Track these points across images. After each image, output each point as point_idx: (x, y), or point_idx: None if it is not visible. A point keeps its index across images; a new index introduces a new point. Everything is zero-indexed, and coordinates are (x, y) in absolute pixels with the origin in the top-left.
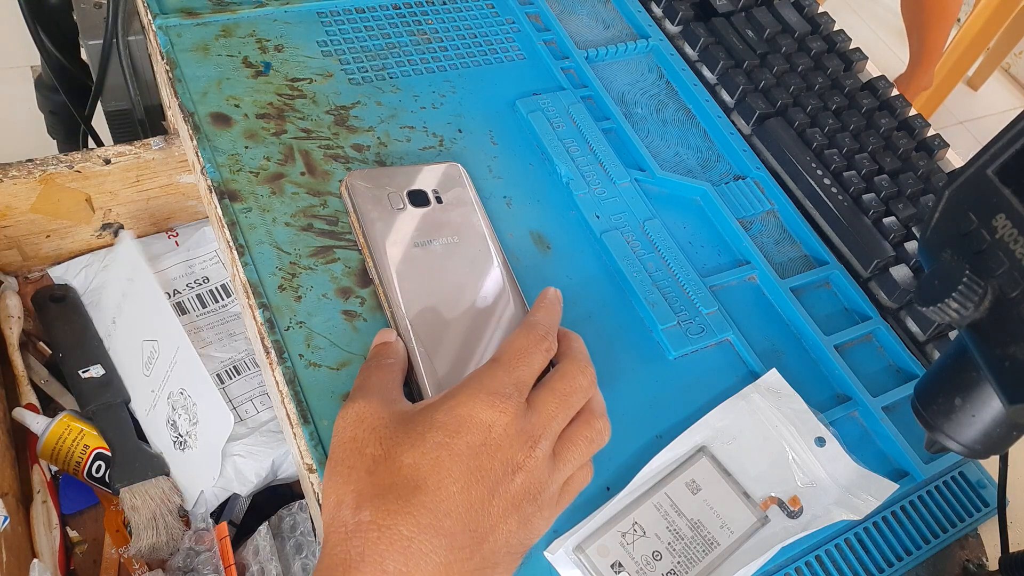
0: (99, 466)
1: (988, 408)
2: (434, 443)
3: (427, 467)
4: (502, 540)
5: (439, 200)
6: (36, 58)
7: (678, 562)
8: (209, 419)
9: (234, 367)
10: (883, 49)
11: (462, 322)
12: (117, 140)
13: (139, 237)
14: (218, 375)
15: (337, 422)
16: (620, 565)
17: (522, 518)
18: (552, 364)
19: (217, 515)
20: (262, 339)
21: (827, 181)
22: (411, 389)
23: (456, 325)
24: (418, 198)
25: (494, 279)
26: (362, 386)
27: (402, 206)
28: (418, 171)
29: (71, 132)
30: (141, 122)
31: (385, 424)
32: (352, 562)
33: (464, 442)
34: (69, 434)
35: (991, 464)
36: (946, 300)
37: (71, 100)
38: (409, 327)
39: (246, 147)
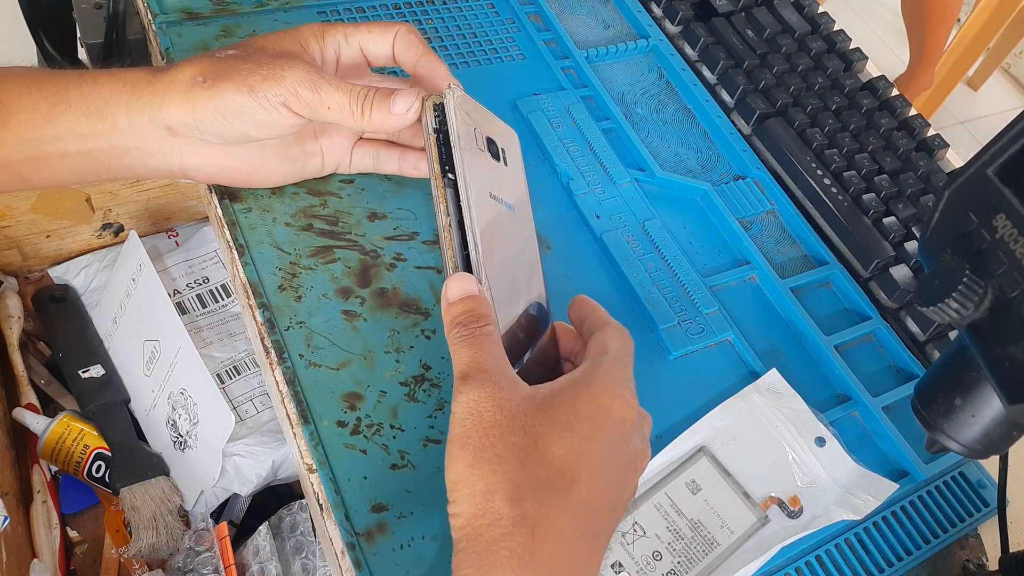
0: (99, 466)
1: (988, 408)
2: (583, 436)
3: (579, 461)
4: (620, 519)
5: (505, 161)
6: (36, 58)
7: (678, 562)
8: (210, 419)
9: (234, 367)
10: (883, 49)
11: (511, 294)
12: None
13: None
14: (218, 375)
15: (464, 404)
16: (620, 565)
17: (632, 493)
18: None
19: (217, 515)
20: (262, 339)
21: (827, 181)
22: None
23: (508, 294)
24: (493, 148)
25: (534, 264)
26: (479, 363)
27: (483, 149)
28: (494, 121)
29: None
30: None
31: (524, 411)
32: (520, 560)
33: (608, 436)
34: (69, 434)
35: (991, 464)
36: (946, 300)
37: None
38: (486, 280)
39: None
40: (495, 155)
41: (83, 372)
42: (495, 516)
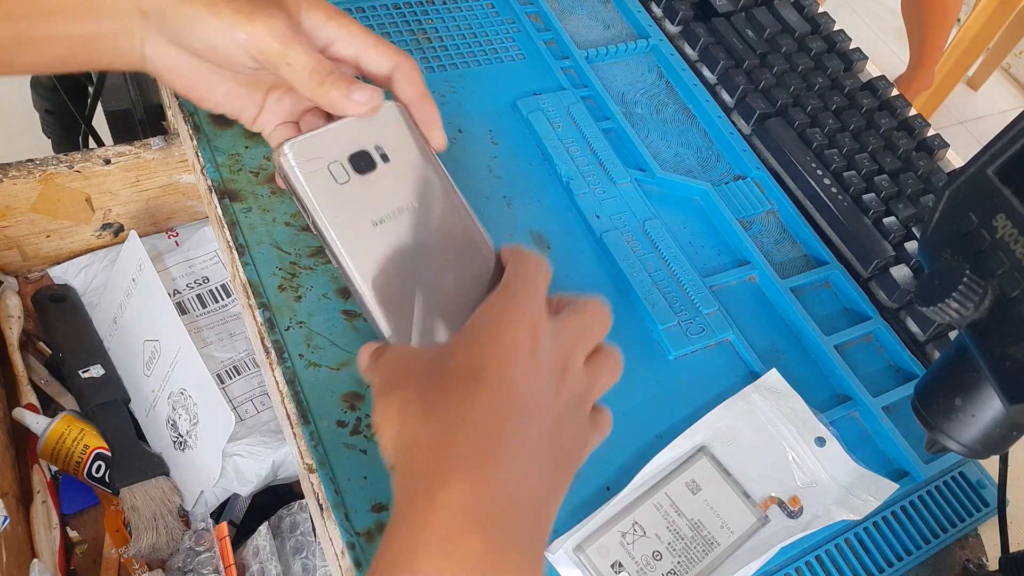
0: (99, 466)
1: (988, 408)
2: (484, 340)
3: (487, 358)
4: (569, 432)
5: (385, 159)
6: None
7: (678, 562)
8: (210, 419)
9: (234, 367)
10: (883, 49)
11: (438, 295)
12: (117, 140)
13: (139, 237)
14: (218, 375)
15: (377, 369)
16: (620, 565)
17: (578, 419)
18: None
19: (217, 515)
20: (262, 339)
21: (827, 181)
22: None
23: (433, 301)
24: (362, 162)
25: (461, 236)
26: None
27: (347, 179)
28: (354, 127)
29: (67, 131)
30: (141, 122)
31: (425, 351)
32: (443, 475)
33: (512, 337)
34: (69, 434)
35: (991, 464)
36: (946, 300)
37: (68, 100)
38: (392, 329)
39: (246, 147)
40: (366, 166)
41: (83, 372)
42: (411, 418)
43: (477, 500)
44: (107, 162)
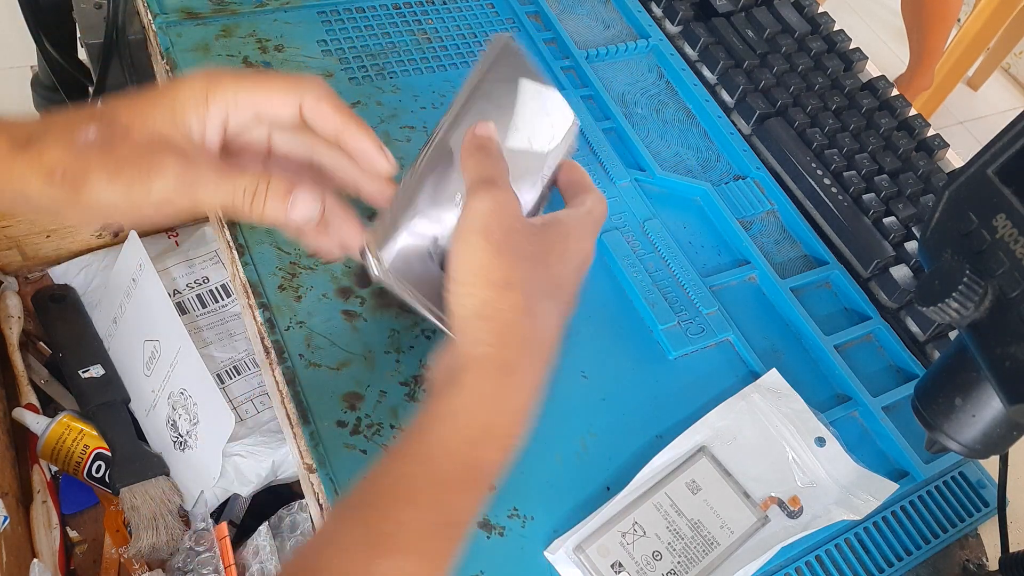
0: (99, 466)
1: (988, 408)
2: (569, 264)
3: (567, 281)
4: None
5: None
6: (35, 58)
7: (678, 562)
8: (210, 419)
9: (234, 367)
10: (883, 49)
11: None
12: None
13: (139, 237)
14: (218, 375)
15: (487, 201)
16: (620, 565)
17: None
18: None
19: (217, 515)
20: (262, 339)
21: (827, 181)
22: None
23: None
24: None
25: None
26: (500, 174)
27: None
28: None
29: None
30: None
31: (533, 227)
32: (526, 341)
33: (579, 269)
34: (69, 434)
35: (991, 464)
36: (946, 300)
37: (69, 100)
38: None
39: None
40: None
41: (83, 372)
42: (512, 303)
43: (534, 399)
44: None
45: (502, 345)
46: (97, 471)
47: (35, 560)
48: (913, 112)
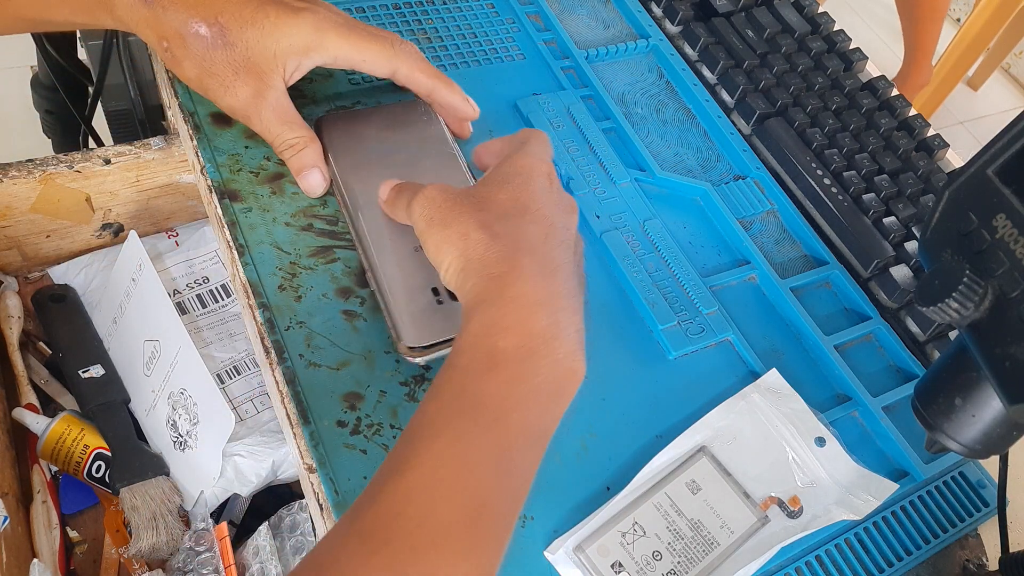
0: (99, 466)
1: (988, 408)
2: (517, 184)
3: (522, 197)
4: (572, 234)
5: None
6: (35, 58)
7: (678, 562)
8: (210, 419)
9: (234, 367)
10: (883, 49)
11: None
12: (117, 140)
13: (139, 237)
14: (218, 375)
15: (420, 201)
16: (620, 565)
17: (569, 221)
18: None
19: (217, 515)
20: (262, 339)
21: (827, 181)
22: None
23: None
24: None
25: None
26: (412, 193)
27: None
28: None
29: (67, 131)
30: (141, 122)
31: (466, 189)
32: (510, 259)
33: (538, 183)
34: (69, 434)
35: (991, 464)
36: (946, 300)
37: (69, 100)
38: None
39: (246, 147)
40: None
41: (83, 372)
42: (476, 242)
43: (547, 291)
44: (107, 162)
45: (483, 272)
46: (97, 471)
47: (35, 560)
48: (913, 112)
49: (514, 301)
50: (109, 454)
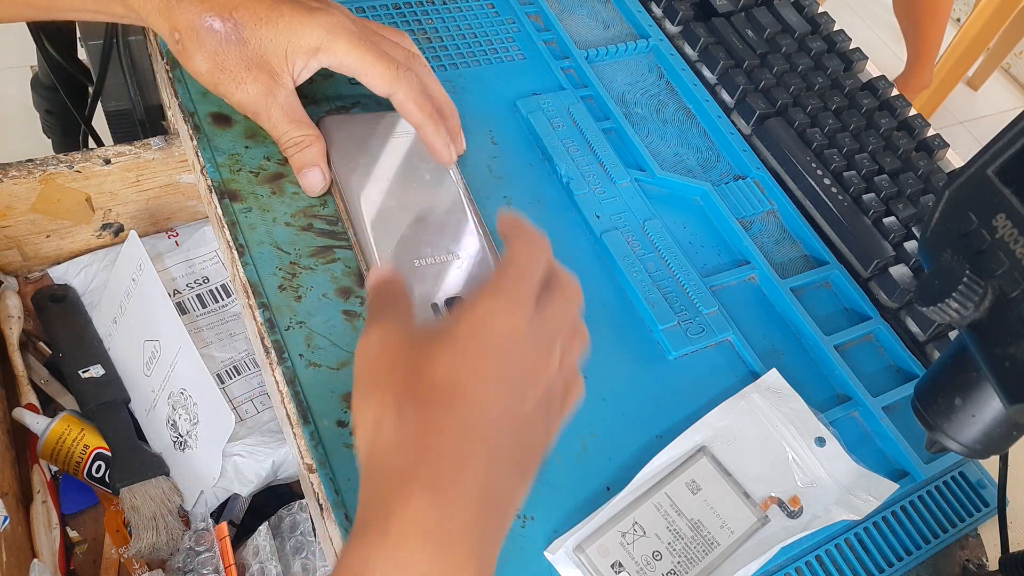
0: (99, 466)
1: (988, 408)
2: (464, 350)
3: (461, 376)
4: (540, 424)
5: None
6: (35, 58)
7: (678, 562)
8: (210, 419)
9: (234, 367)
10: (883, 49)
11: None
12: (117, 140)
13: (139, 237)
14: (218, 375)
15: (359, 351)
16: (620, 565)
17: (546, 422)
18: None
19: (217, 515)
20: (262, 339)
21: (827, 181)
22: None
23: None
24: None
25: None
26: (375, 315)
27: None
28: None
29: (67, 131)
30: (141, 122)
31: (410, 342)
32: (406, 493)
33: (492, 347)
34: (69, 434)
35: (991, 464)
36: (946, 300)
37: (69, 100)
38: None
39: (246, 147)
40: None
41: (83, 372)
42: (385, 432)
43: (439, 519)
44: (107, 162)
45: (379, 478)
46: (97, 471)
47: (35, 560)
48: (913, 112)
49: (395, 531)
50: (109, 454)
